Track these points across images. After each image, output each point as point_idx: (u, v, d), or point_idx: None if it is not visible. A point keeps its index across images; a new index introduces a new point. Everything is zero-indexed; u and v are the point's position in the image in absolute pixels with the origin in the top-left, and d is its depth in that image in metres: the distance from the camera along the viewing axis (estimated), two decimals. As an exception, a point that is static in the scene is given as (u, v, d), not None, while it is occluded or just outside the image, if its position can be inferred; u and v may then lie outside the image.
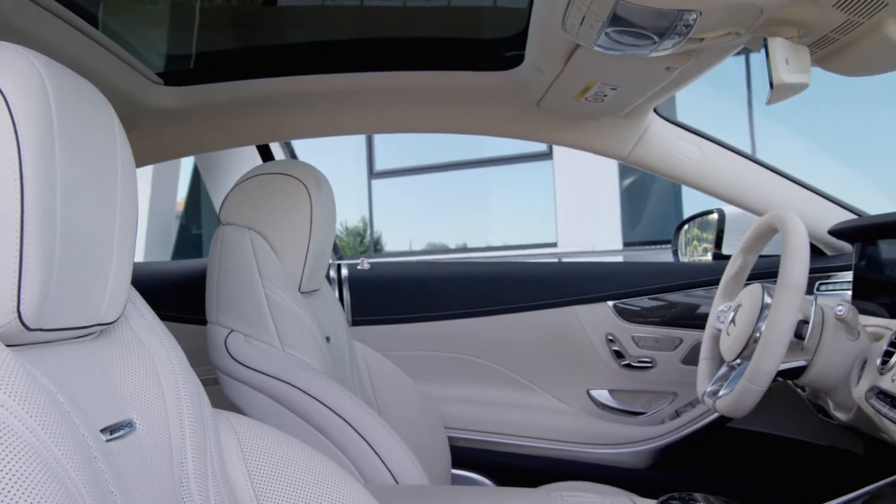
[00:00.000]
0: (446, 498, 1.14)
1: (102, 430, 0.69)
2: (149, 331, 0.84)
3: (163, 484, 0.75)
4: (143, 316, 0.85)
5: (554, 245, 6.76)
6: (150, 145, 1.75)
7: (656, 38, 1.05)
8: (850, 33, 1.04)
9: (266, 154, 2.09)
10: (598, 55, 1.17)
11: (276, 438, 0.94)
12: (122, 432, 0.72)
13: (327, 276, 1.94)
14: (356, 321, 1.94)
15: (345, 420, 1.29)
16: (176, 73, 1.60)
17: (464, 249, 7.96)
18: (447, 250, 8.13)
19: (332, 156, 7.78)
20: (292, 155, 2.46)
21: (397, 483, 1.27)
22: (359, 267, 1.99)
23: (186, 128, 1.74)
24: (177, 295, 1.85)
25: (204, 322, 1.46)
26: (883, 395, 1.18)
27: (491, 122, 1.71)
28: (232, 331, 1.38)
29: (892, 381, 1.16)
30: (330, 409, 1.29)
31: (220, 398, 1.37)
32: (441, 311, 1.94)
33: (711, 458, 1.87)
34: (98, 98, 0.75)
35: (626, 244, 6.58)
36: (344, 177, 8.17)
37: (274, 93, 1.63)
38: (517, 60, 1.47)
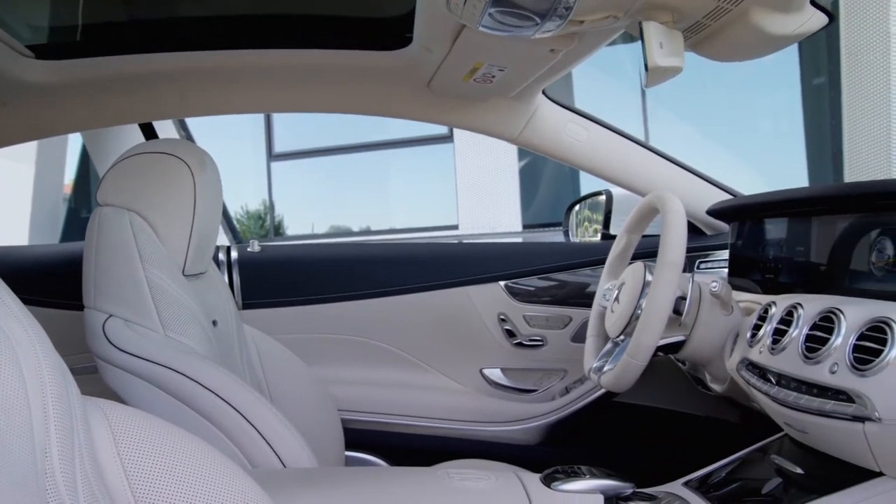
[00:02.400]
0: (332, 479, 1.14)
1: (-48, 421, 0.65)
2: (8, 315, 0.80)
3: (23, 476, 0.72)
4: (2, 299, 0.81)
5: (455, 227, 6.81)
6: (24, 122, 1.66)
7: (538, 20, 1.06)
8: (719, 19, 1.08)
9: (149, 132, 2.02)
10: (483, 36, 1.17)
11: (152, 425, 0.91)
12: (-25, 423, 0.68)
13: (216, 259, 1.89)
14: (246, 304, 1.90)
15: (230, 405, 1.26)
16: (49, 47, 1.51)
17: (367, 232, 7.93)
18: (351, 233, 8.08)
19: (230, 137, 7.60)
20: (188, 135, 2.39)
21: (285, 467, 1.25)
22: (249, 249, 1.95)
23: (63, 104, 1.65)
24: (53, 279, 1.77)
25: (82, 307, 1.40)
26: (752, 366, 1.25)
27: (382, 103, 1.70)
28: (111, 315, 1.33)
29: (760, 353, 1.23)
30: (215, 393, 1.26)
31: (102, 387, 1.32)
32: (334, 293, 1.92)
33: (600, 432, 1.93)
34: None
35: (526, 226, 6.70)
36: (243, 159, 8.00)
37: (157, 69, 1.57)
38: (406, 40, 1.46)
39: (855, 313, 1.05)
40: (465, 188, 6.78)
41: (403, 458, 1.87)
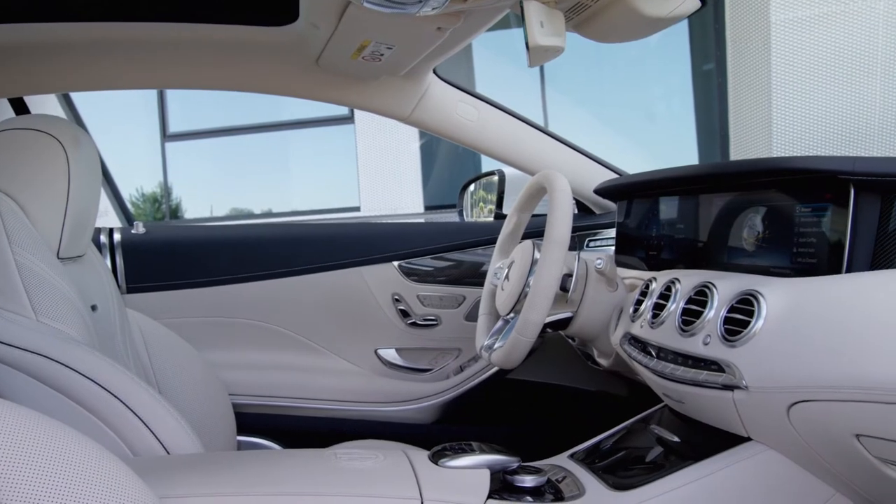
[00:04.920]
0: (216, 464, 1.11)
1: None
2: None
3: None
4: None
5: (357, 209, 6.77)
6: None
7: (421, -3, 1.05)
8: (599, 0, 1.10)
9: (20, 107, 1.91)
10: (369, 13, 1.16)
11: (18, 416, 0.86)
12: None
13: (97, 242, 1.82)
14: (131, 288, 1.83)
15: (109, 391, 1.21)
16: None
17: (269, 215, 7.79)
18: (252, 216, 7.92)
19: (123, 116, 7.32)
20: (75, 114, 2.27)
21: (169, 454, 1.22)
22: (133, 231, 1.87)
23: None
24: None
25: None
26: (634, 340, 1.29)
27: (270, 80, 1.65)
28: None
29: (641, 327, 1.27)
30: (92, 380, 1.20)
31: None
32: (223, 276, 1.87)
33: (494, 409, 1.96)
34: None
35: (428, 207, 6.71)
36: (137, 139, 7.71)
37: (29, 40, 1.47)
38: (292, 16, 1.43)
39: (726, 287, 1.10)
40: (367, 169, 6.74)
41: (297, 441, 1.85)
